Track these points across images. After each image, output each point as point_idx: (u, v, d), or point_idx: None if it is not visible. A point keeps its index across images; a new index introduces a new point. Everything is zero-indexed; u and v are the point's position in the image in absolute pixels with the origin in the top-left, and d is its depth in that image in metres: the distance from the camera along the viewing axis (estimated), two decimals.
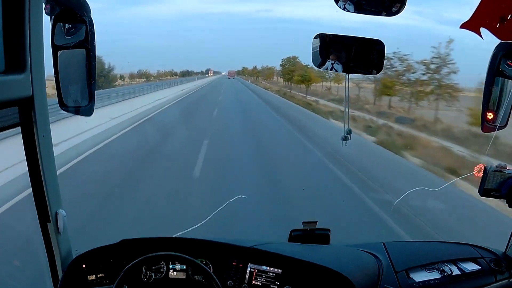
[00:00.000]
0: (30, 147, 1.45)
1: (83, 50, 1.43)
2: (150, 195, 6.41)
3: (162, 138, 12.59)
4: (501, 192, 1.69)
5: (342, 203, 6.37)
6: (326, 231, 1.90)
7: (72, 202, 3.21)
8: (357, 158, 8.95)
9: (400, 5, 1.47)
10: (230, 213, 2.83)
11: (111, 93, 23.67)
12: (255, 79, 68.89)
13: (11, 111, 1.31)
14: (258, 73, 68.32)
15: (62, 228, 1.63)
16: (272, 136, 13.81)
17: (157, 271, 1.76)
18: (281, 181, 7.68)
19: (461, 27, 1.36)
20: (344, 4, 1.47)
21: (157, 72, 68.34)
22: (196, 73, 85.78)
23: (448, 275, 1.73)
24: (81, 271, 1.77)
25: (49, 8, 1.37)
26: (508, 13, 1.34)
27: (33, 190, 1.55)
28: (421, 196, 5.28)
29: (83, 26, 1.41)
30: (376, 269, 1.74)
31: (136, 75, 60.63)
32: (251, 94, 39.70)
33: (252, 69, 71.39)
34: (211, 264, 1.78)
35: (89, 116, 1.53)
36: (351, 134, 1.81)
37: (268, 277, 1.74)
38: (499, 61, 1.60)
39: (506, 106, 1.70)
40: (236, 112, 20.70)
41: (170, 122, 16.73)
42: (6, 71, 1.23)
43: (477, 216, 5.94)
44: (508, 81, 1.66)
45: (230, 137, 12.94)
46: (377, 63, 1.66)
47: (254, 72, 70.62)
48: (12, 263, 3.81)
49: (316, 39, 1.61)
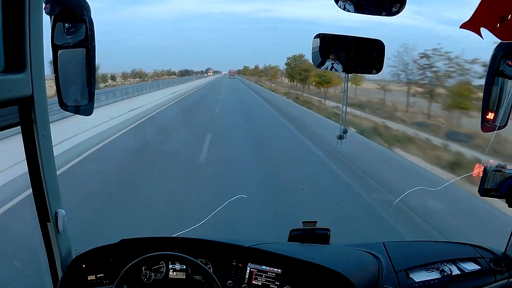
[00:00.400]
0: (30, 147, 1.45)
1: (83, 49, 1.44)
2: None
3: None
4: (500, 192, 1.69)
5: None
6: (326, 231, 1.90)
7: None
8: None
9: (400, 5, 1.47)
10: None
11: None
12: (257, 79, 64.92)
13: (11, 110, 1.31)
14: (260, 72, 64.56)
15: (62, 227, 1.63)
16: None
17: (157, 271, 1.77)
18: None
19: (461, 27, 1.37)
20: (344, 4, 1.47)
21: (154, 71, 63.50)
22: (196, 72, 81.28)
23: (448, 275, 1.73)
24: (81, 271, 1.77)
25: (49, 8, 1.37)
26: (508, 13, 1.34)
27: (33, 189, 1.55)
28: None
29: (83, 25, 1.41)
30: (376, 269, 1.74)
31: (129, 75, 55.20)
32: (257, 98, 32.53)
33: (254, 68, 68.12)
34: (211, 264, 1.78)
35: (89, 116, 1.53)
36: (346, 133, 1.88)
37: (268, 277, 1.74)
38: (499, 61, 1.60)
39: (506, 106, 1.70)
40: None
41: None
42: (6, 71, 1.23)
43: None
44: (508, 81, 1.66)
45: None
46: (377, 63, 1.66)
47: (256, 71, 66.90)
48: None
49: (316, 39, 1.61)
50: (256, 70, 66.72)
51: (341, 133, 1.84)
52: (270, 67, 57.41)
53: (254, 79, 66.30)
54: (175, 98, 28.40)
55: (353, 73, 1.71)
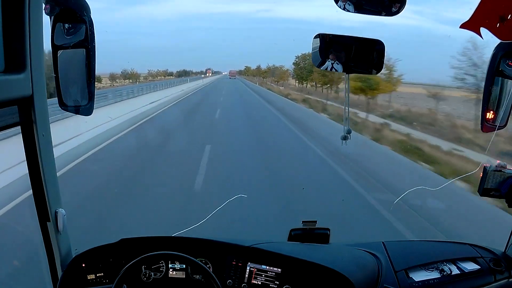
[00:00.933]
0: (30, 147, 1.46)
1: (83, 49, 1.44)
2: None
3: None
4: (500, 192, 1.69)
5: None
6: (325, 231, 1.90)
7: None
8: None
9: (400, 5, 1.47)
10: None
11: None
12: (261, 80, 58.09)
13: (11, 110, 1.31)
14: (264, 73, 58.46)
15: (62, 227, 1.63)
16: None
17: (157, 271, 1.77)
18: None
19: (461, 27, 1.37)
20: (344, 4, 1.47)
21: (148, 72, 57.17)
22: (195, 73, 76.38)
23: (448, 274, 1.74)
24: (81, 270, 1.78)
25: (49, 8, 1.37)
26: (508, 13, 1.34)
27: (33, 189, 1.55)
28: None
29: (83, 26, 1.42)
30: (376, 269, 1.74)
31: (118, 76, 48.96)
32: (270, 110, 22.08)
33: (256, 68, 63.47)
34: (211, 263, 1.78)
35: (89, 116, 1.53)
36: (350, 134, 1.80)
37: (267, 276, 1.74)
38: (499, 61, 1.60)
39: (506, 106, 1.70)
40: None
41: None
42: (6, 71, 1.23)
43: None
44: (508, 81, 1.66)
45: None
46: (377, 63, 1.66)
47: (259, 72, 60.90)
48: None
49: (316, 39, 1.61)
50: (259, 71, 61.26)
51: (345, 133, 1.82)
52: (275, 67, 52.14)
53: (259, 80, 59.83)
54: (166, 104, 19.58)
55: (353, 73, 1.71)
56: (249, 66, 71.50)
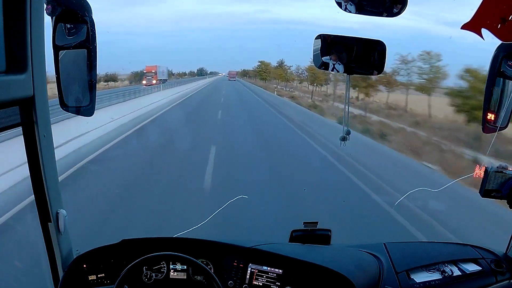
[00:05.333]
0: (31, 147, 1.46)
1: (84, 50, 1.44)
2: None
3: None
4: (502, 193, 1.69)
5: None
6: (327, 232, 1.90)
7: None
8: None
9: (401, 6, 1.46)
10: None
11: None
12: (264, 83, 53.35)
13: (12, 111, 1.31)
14: (264, 73, 53.76)
15: (63, 228, 1.63)
16: None
17: (158, 271, 1.77)
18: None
19: (463, 28, 1.36)
20: (346, 5, 1.47)
21: (131, 73, 48.14)
22: (192, 73, 70.71)
23: (449, 275, 1.73)
24: (82, 271, 1.77)
25: (50, 9, 1.37)
26: (509, 14, 1.34)
27: (34, 190, 1.55)
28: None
29: (84, 26, 1.42)
30: (377, 270, 1.74)
31: (100, 78, 40.60)
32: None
33: (258, 68, 57.48)
34: (212, 264, 1.78)
35: (90, 116, 1.53)
36: (349, 135, 1.84)
37: (268, 278, 1.74)
38: (500, 62, 1.60)
39: (507, 107, 1.70)
40: None
41: None
42: (8, 71, 1.23)
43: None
44: (509, 82, 1.66)
45: None
46: (378, 64, 1.66)
47: (263, 71, 54.29)
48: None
49: (317, 39, 1.61)
50: (261, 72, 55.87)
51: (344, 134, 1.83)
52: (280, 67, 47.75)
53: (263, 83, 54.83)
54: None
55: (354, 74, 1.71)
56: (247, 69, 68.76)
